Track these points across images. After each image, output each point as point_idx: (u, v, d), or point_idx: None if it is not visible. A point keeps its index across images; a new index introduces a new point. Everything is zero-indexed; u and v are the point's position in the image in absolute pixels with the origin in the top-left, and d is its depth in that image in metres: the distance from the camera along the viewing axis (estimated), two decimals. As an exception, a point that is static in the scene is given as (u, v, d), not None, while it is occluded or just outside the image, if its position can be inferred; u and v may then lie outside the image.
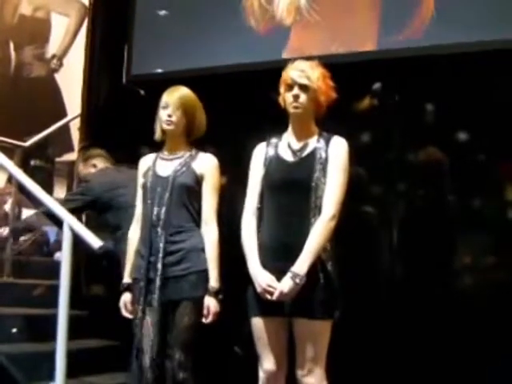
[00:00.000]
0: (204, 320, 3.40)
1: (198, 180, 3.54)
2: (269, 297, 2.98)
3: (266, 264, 3.05)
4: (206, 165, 3.57)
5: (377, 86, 4.50)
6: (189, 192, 3.52)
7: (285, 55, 4.57)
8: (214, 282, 3.42)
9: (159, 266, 3.42)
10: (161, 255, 3.43)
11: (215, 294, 3.41)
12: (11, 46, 9.02)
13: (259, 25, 4.81)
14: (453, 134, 4.32)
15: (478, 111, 4.18)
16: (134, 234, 3.63)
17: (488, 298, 4.12)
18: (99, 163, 4.67)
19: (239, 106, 4.67)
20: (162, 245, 3.45)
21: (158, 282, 3.41)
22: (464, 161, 4.28)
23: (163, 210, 3.48)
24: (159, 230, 3.47)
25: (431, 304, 4.12)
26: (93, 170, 4.65)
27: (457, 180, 4.30)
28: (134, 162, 4.32)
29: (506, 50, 4.03)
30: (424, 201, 4.43)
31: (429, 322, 4.08)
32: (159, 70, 5.13)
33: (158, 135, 3.63)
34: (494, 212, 4.25)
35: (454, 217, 4.30)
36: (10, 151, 5.55)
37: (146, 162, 3.69)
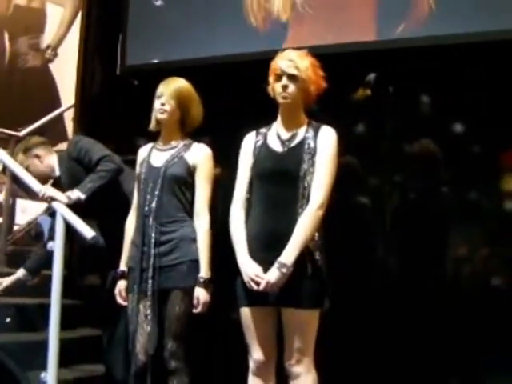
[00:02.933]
0: (194, 310, 3.42)
1: (191, 170, 3.56)
2: (255, 287, 3.00)
3: (253, 254, 3.07)
4: (199, 155, 3.59)
5: (370, 76, 4.51)
6: (180, 183, 3.54)
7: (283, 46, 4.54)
8: (204, 272, 3.44)
9: (151, 255, 3.46)
10: (152, 245, 3.47)
11: (205, 284, 3.43)
12: (6, 36, 9.00)
13: (258, 20, 4.80)
14: (447, 124, 4.32)
15: (473, 102, 4.18)
16: (131, 224, 3.68)
17: (481, 288, 4.13)
18: (42, 152, 4.39)
19: (234, 97, 4.66)
20: (153, 235, 3.48)
21: (150, 271, 3.45)
22: (458, 152, 4.28)
23: (155, 200, 3.52)
24: (151, 220, 3.51)
25: (423, 295, 4.12)
26: (36, 161, 4.36)
27: (451, 171, 4.31)
28: (127, 153, 4.33)
29: (501, 41, 4.03)
30: (417, 191, 4.43)
31: (420, 313, 4.08)
32: (154, 61, 5.12)
33: (152, 125, 3.66)
34: (488, 202, 4.26)
35: (448, 207, 4.30)
36: (4, 141, 5.55)
37: (142, 152, 3.73)
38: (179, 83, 3.64)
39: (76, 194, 3.93)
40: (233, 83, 4.66)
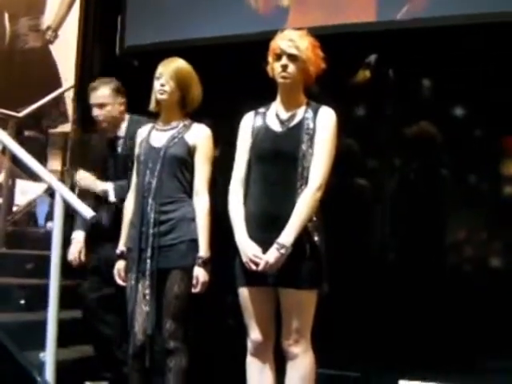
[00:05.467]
0: (193, 290, 3.43)
1: (190, 151, 3.56)
2: (254, 267, 3.01)
3: (252, 234, 3.08)
4: (199, 136, 3.59)
5: (371, 58, 4.49)
6: (180, 163, 3.54)
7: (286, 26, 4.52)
8: (203, 251, 3.45)
9: (150, 235, 3.46)
10: (151, 225, 3.47)
11: (204, 264, 3.43)
12: (6, 17, 8.96)
13: (258, 4, 4.79)
14: (447, 108, 4.31)
15: (474, 85, 4.17)
16: (130, 204, 3.68)
17: (481, 271, 4.14)
18: (124, 106, 4.22)
19: (233, 77, 4.64)
20: (152, 215, 3.49)
21: (149, 251, 3.45)
22: (458, 135, 4.27)
23: (154, 180, 3.52)
24: (150, 200, 3.51)
25: (422, 277, 4.12)
26: (120, 107, 4.18)
27: (451, 154, 4.30)
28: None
29: (504, 23, 4.02)
30: (417, 174, 4.42)
31: (419, 295, 4.09)
32: (153, 41, 5.10)
33: (152, 106, 3.66)
34: (488, 186, 4.26)
35: (447, 190, 4.30)
36: (3, 122, 5.53)
37: (142, 132, 3.72)
38: (178, 64, 3.64)
39: (111, 194, 3.99)
40: (232, 64, 4.64)
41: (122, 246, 3.66)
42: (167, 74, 3.56)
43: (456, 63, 4.20)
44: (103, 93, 4.16)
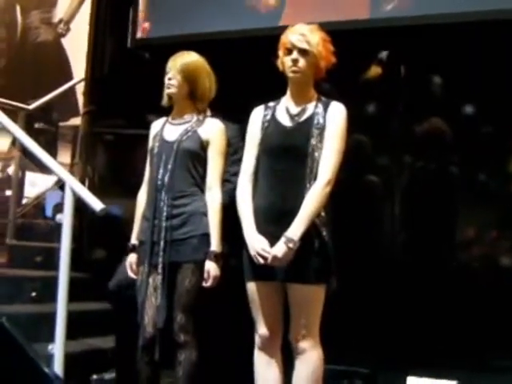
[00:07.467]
0: (204, 284, 3.42)
1: (203, 145, 3.56)
2: (262, 261, 3.00)
3: (260, 228, 3.07)
4: (212, 130, 3.59)
5: (383, 54, 4.47)
6: (193, 157, 3.54)
7: (280, 23, 4.56)
8: (214, 246, 3.44)
9: (163, 228, 3.46)
10: (164, 218, 3.47)
11: (215, 258, 3.43)
12: (18, 10, 8.99)
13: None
14: (458, 104, 4.29)
15: (485, 81, 4.15)
16: (142, 197, 3.68)
17: (489, 269, 4.13)
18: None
19: (244, 71, 4.64)
20: (165, 208, 3.48)
21: (161, 244, 3.46)
22: (469, 131, 4.25)
23: (167, 174, 3.52)
24: (163, 194, 3.51)
25: (430, 274, 4.12)
26: None
27: (461, 150, 4.28)
28: (138, 127, 4.33)
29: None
30: (427, 171, 4.41)
31: (428, 291, 4.08)
32: (164, 34, 5.09)
33: (164, 101, 3.67)
34: (498, 183, 4.25)
35: (457, 187, 4.29)
36: (14, 114, 5.54)
37: (155, 126, 3.73)
38: (186, 58, 3.63)
39: None
40: (243, 57, 4.63)
41: (133, 240, 3.66)
42: (174, 68, 3.58)
43: (468, 60, 4.18)
44: None
